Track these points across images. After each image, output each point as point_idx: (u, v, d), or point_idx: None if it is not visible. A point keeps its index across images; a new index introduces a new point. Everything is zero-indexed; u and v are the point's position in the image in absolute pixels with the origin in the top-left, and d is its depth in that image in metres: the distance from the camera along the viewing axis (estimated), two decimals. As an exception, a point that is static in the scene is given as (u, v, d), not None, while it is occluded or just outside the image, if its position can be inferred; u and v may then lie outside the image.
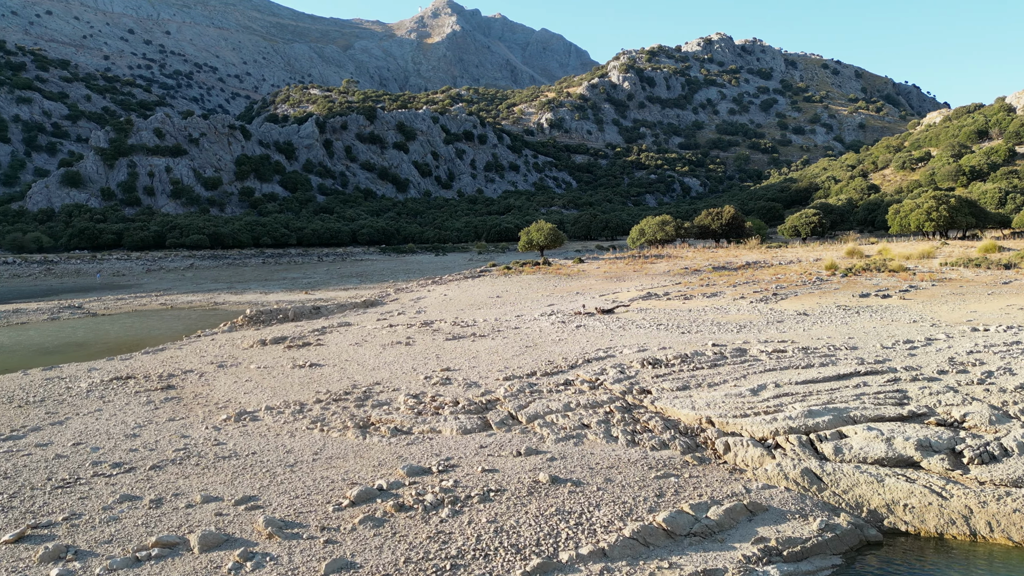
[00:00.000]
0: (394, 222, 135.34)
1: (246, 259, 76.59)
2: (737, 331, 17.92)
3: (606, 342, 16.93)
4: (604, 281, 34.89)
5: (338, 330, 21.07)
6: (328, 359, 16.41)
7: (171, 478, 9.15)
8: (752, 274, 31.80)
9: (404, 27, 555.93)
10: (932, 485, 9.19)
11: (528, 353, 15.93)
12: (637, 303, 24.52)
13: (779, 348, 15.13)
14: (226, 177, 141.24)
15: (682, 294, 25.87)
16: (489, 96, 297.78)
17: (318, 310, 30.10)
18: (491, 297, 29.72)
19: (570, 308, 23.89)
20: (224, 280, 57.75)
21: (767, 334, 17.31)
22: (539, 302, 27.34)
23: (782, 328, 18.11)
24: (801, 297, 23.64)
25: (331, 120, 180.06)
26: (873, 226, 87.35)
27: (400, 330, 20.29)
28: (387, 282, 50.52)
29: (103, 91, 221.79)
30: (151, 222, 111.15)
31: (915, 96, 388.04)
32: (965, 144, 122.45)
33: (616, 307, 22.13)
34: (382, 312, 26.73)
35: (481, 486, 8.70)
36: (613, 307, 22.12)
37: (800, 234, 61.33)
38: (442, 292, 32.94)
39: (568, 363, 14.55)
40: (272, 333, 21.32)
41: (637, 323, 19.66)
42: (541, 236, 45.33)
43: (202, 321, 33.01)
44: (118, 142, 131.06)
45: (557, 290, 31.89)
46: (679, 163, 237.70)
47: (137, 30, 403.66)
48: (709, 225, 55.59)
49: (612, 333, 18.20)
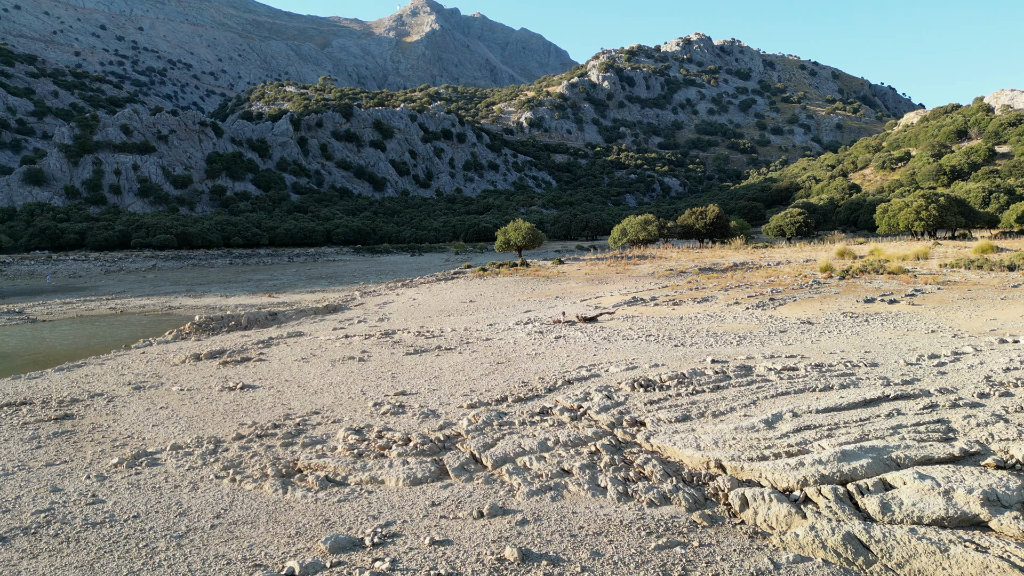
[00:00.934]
0: (370, 221, 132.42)
1: (213, 259, 73.49)
2: (737, 343, 15.85)
3: (590, 357, 14.77)
4: (586, 284, 32.79)
5: (287, 342, 18.71)
6: (266, 379, 14.07)
7: (11, 558, 6.81)
8: (743, 276, 29.85)
9: (383, 25, 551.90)
10: (1011, 556, 7.12)
11: (499, 371, 13.72)
12: (622, 309, 22.41)
13: (789, 365, 13.07)
14: (196, 175, 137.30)
15: (670, 299, 23.81)
16: (468, 95, 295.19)
17: (274, 316, 27.67)
18: (463, 302, 27.47)
19: (549, 315, 21.72)
20: (186, 282, 54.87)
21: (771, 347, 15.27)
22: (515, 307, 25.13)
23: (787, 340, 16.07)
24: (801, 303, 21.67)
25: (306, 117, 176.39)
26: (856, 226, 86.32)
27: (356, 342, 17.99)
28: (357, 284, 48.04)
29: (71, 87, 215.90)
30: (117, 221, 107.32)
31: (891, 97, 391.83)
32: (945, 144, 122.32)
33: (600, 314, 19.99)
34: (342, 319, 24.38)
35: (427, 569, 6.48)
36: (596, 314, 19.98)
37: (785, 234, 59.72)
38: (411, 296, 30.62)
39: (546, 385, 12.38)
40: (213, 345, 18.91)
41: (624, 333, 17.54)
42: (519, 236, 43.05)
43: (150, 328, 30.44)
44: (83, 139, 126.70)
45: (535, 294, 29.72)
46: (659, 163, 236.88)
47: (109, 26, 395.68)
48: (693, 225, 53.70)
49: (596, 346, 16.05)
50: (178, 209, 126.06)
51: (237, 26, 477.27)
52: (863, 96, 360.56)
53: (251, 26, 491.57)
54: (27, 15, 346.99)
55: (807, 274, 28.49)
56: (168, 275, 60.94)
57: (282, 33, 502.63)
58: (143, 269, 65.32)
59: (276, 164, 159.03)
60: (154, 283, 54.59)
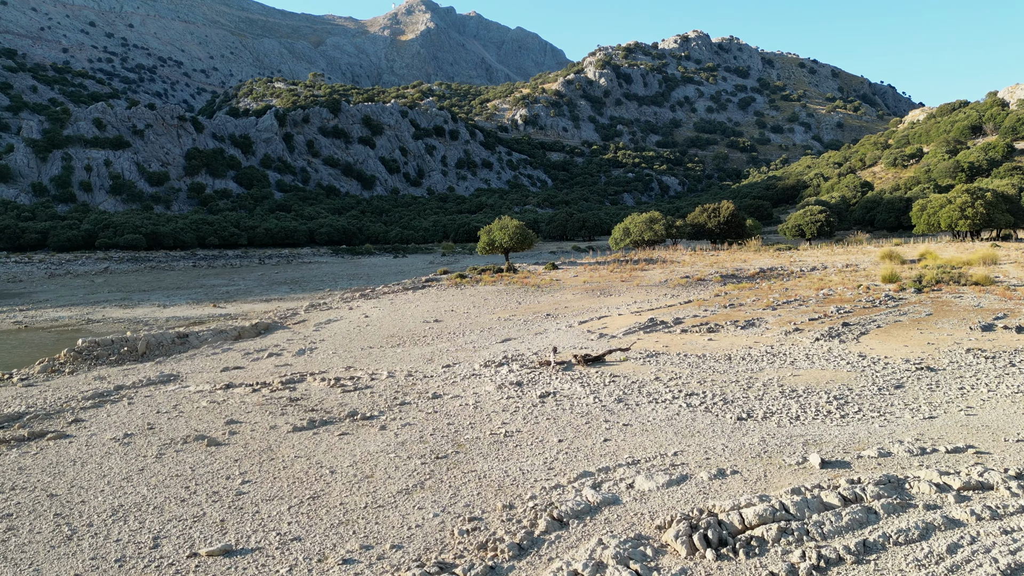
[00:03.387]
0: (357, 221, 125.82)
1: (175, 261, 66.93)
2: (840, 413, 9.59)
3: (598, 445, 8.53)
4: (584, 296, 26.52)
5: (140, 393, 12.42)
6: (20, 489, 7.78)
7: None
8: (783, 287, 23.60)
9: (378, 24, 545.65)
10: None
11: (435, 482, 7.47)
12: (637, 337, 16.13)
13: (972, 479, 6.83)
14: (174, 172, 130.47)
15: (702, 322, 17.54)
16: (462, 92, 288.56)
17: (185, 339, 21.41)
18: (426, 322, 21.19)
19: (534, 348, 15.45)
20: (133, 288, 48.45)
21: (900, 423, 9.02)
22: (491, 333, 18.85)
23: (915, 405, 9.82)
24: (889, 330, 15.42)
25: (292, 113, 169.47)
26: (873, 225, 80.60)
27: (235, 399, 11.70)
28: (320, 291, 41.74)
29: (51, 82, 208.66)
30: (84, 220, 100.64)
31: (891, 96, 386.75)
32: (960, 140, 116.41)
33: (608, 352, 13.71)
34: (257, 348, 18.09)
35: None
36: (603, 352, 13.71)
37: (805, 234, 53.49)
38: (364, 312, 24.30)
39: (518, 527, 6.13)
40: (32, 396, 12.60)
41: (649, 388, 11.29)
42: (505, 236, 36.53)
43: (42, 349, 24.10)
44: (52, 133, 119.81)
45: (521, 310, 23.44)
46: (657, 161, 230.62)
47: (99, 23, 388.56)
48: (704, 224, 47.39)
49: (608, 417, 9.80)
50: (153, 208, 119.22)
51: (230, 24, 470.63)
52: (863, 95, 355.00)
53: (244, 24, 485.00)
54: (13, 11, 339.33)
55: (869, 285, 22.26)
56: (119, 279, 54.51)
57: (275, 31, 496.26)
58: (93, 272, 58.82)
59: (260, 161, 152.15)
60: (96, 289, 48.15)
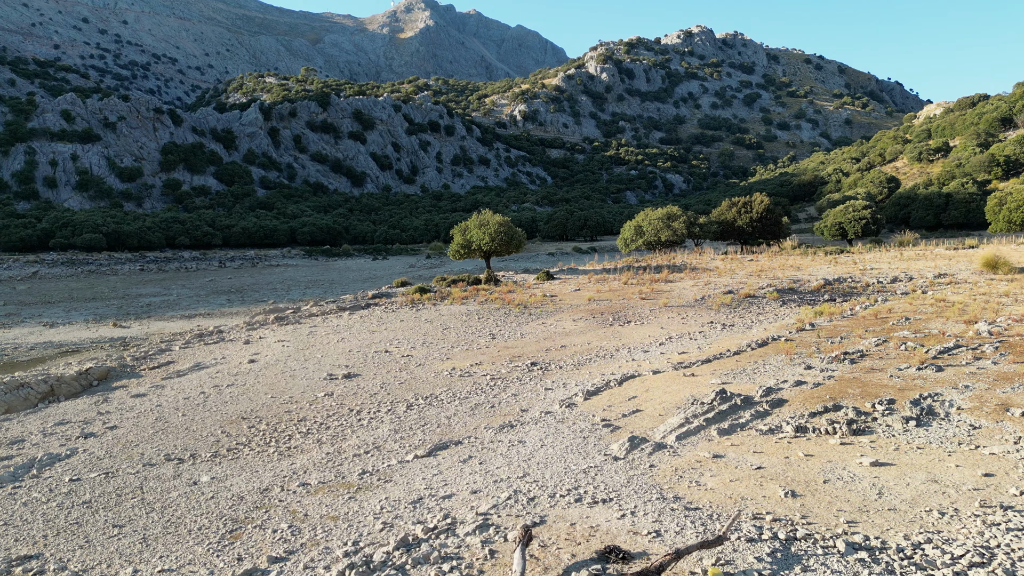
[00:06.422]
0: (343, 220, 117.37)
1: (118, 264, 58.61)
2: None
3: None
4: (591, 324, 18.22)
5: None
6: None
7: None
8: (889, 311, 15.23)
9: (376, 21, 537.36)
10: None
11: None
12: (707, 451, 7.85)
13: None
14: (148, 167, 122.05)
15: (820, 400, 9.20)
16: (460, 87, 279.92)
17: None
18: (332, 377, 12.87)
19: (488, 495, 7.18)
20: (47, 298, 40.17)
21: None
22: (422, 417, 10.54)
23: None
24: None
25: (279, 106, 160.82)
26: (907, 224, 72.44)
27: None
28: (262, 304, 33.57)
29: (31, 76, 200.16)
30: (43, 219, 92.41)
31: (898, 93, 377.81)
32: (991, 132, 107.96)
33: (667, 561, 5.33)
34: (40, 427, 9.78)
35: None
36: (658, 563, 5.34)
37: (847, 234, 45.25)
38: (254, 352, 15.98)
39: None
40: None
41: None
42: (485, 236, 27.61)
43: None
44: (15, 125, 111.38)
45: (491, 352, 15.15)
46: (660, 158, 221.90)
47: (92, 19, 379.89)
48: (734, 221, 39.01)
49: None
50: (123, 205, 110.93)
51: (226, 21, 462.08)
52: (870, 91, 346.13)
53: (241, 21, 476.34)
54: (4, 6, 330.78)
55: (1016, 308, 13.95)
56: (42, 287, 46.27)
57: (273, 28, 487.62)
58: (18, 278, 50.63)
59: (243, 156, 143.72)
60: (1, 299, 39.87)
